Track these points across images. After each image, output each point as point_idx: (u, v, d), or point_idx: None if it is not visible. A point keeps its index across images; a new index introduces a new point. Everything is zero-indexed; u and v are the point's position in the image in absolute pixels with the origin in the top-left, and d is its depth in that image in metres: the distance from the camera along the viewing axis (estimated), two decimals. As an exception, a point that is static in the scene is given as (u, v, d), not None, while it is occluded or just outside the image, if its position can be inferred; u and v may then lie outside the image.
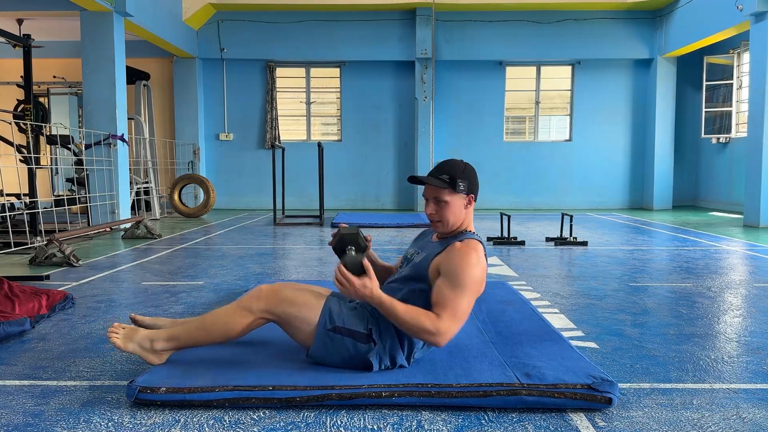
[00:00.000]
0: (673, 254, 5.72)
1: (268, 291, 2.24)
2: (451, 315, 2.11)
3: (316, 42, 11.27)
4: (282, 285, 2.30)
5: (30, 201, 6.41)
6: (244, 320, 2.22)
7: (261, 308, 2.21)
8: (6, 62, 11.37)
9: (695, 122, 11.67)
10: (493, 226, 7.97)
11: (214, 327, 2.24)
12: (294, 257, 5.61)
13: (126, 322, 3.05)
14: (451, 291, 2.12)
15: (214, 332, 2.25)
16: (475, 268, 2.15)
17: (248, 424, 1.90)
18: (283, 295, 2.23)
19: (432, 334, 2.09)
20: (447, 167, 2.28)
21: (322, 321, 2.21)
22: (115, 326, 2.31)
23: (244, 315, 2.22)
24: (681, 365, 2.48)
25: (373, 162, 11.79)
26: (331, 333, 2.21)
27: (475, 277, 2.15)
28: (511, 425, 1.91)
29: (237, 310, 2.24)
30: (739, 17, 8.46)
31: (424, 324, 2.08)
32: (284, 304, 2.21)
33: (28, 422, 1.93)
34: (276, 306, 2.21)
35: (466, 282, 2.13)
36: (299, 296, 2.24)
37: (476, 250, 2.19)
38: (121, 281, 4.39)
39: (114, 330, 2.29)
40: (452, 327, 2.12)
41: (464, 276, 2.13)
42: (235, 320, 2.22)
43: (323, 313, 2.22)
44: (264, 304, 2.21)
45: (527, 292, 3.92)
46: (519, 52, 11.30)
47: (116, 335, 2.27)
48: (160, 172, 10.88)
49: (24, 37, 6.50)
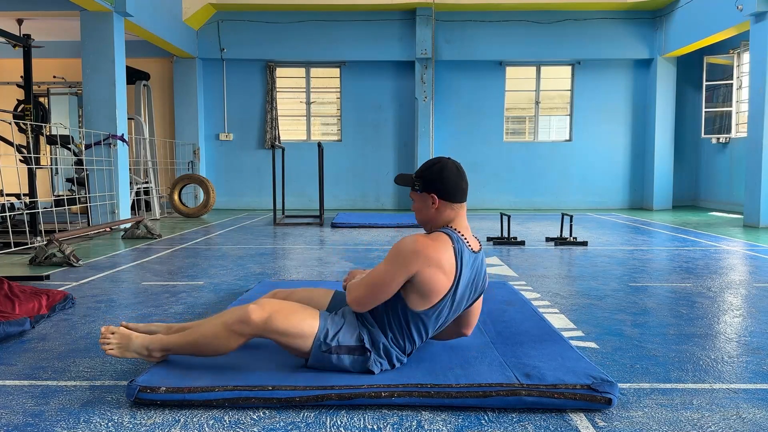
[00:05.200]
0: (673, 254, 5.72)
1: (257, 321, 2.14)
2: (366, 282, 2.18)
3: (316, 42, 11.27)
4: (272, 312, 2.17)
5: (30, 201, 6.41)
6: (234, 343, 2.20)
7: (251, 333, 2.18)
8: (6, 62, 11.37)
9: (695, 122, 11.67)
10: (493, 226, 7.96)
11: (205, 348, 2.23)
12: (294, 257, 5.61)
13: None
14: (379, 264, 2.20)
15: (206, 352, 2.25)
16: (409, 243, 2.13)
17: (248, 424, 1.90)
18: (272, 326, 2.15)
19: (349, 303, 2.22)
20: (422, 166, 2.30)
21: (316, 344, 2.19)
22: (104, 334, 2.28)
23: (234, 338, 2.19)
24: (681, 365, 2.48)
25: (373, 162, 11.79)
26: (326, 354, 2.20)
27: (402, 249, 2.13)
28: (511, 425, 1.91)
29: (228, 334, 2.18)
30: (739, 17, 8.46)
31: (349, 291, 2.22)
32: (274, 334, 2.17)
33: (28, 422, 1.93)
34: (266, 334, 2.18)
35: (390, 254, 2.16)
36: (290, 322, 2.17)
37: (429, 237, 2.18)
38: (121, 281, 4.39)
39: (105, 339, 2.27)
40: (362, 293, 2.18)
41: (392, 249, 2.16)
42: (227, 343, 2.20)
43: (317, 338, 2.19)
44: (254, 331, 2.17)
45: (527, 292, 3.92)
46: (519, 52, 11.30)
47: (110, 346, 2.26)
48: (160, 172, 10.88)
49: (24, 37, 6.50)
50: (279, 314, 2.17)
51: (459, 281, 2.17)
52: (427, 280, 2.12)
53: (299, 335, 2.18)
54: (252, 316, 2.14)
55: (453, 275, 2.15)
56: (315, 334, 2.19)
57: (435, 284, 2.13)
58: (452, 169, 2.23)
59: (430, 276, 2.11)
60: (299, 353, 2.24)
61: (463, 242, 2.20)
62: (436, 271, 2.11)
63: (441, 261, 2.12)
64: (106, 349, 2.26)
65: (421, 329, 2.23)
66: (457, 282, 2.17)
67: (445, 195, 2.22)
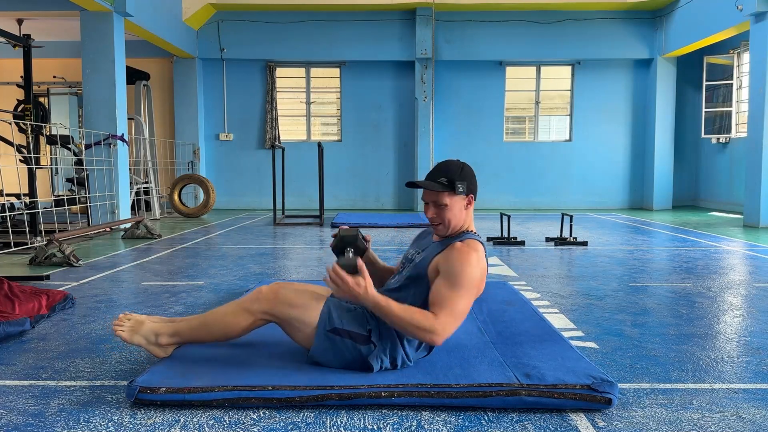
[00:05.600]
0: (673, 254, 5.72)
1: (267, 292, 2.25)
2: (448, 313, 2.10)
3: (316, 42, 11.27)
4: (281, 286, 2.29)
5: (30, 201, 6.41)
6: (244, 321, 2.26)
7: (261, 309, 2.23)
8: (6, 62, 11.37)
9: (695, 122, 11.67)
10: (493, 226, 7.97)
11: (215, 326, 2.29)
12: (294, 257, 5.61)
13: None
14: (449, 290, 2.11)
15: (216, 331, 2.30)
16: (475, 268, 2.15)
17: (248, 424, 1.90)
18: (282, 296, 2.23)
19: (429, 333, 2.07)
20: (445, 169, 2.27)
21: (321, 322, 2.21)
22: (120, 318, 2.35)
23: (245, 316, 2.25)
24: (681, 365, 2.48)
25: (373, 162, 11.79)
26: (330, 334, 2.21)
27: (474, 276, 2.14)
28: (511, 425, 1.91)
29: (238, 311, 2.27)
30: (739, 17, 8.46)
31: (421, 322, 2.07)
32: (283, 305, 2.22)
33: (28, 422, 1.93)
34: (275, 307, 2.22)
35: (464, 282, 2.12)
36: (298, 298, 2.25)
37: (476, 251, 2.19)
38: (121, 281, 4.39)
39: (119, 323, 2.33)
40: (449, 326, 2.11)
41: (463, 275, 2.12)
42: (236, 320, 2.26)
43: (323, 315, 2.22)
44: (263, 306, 2.23)
45: (527, 292, 3.92)
46: (519, 52, 11.30)
47: (121, 329, 2.31)
48: (160, 172, 10.88)
49: (24, 37, 6.50)
50: (288, 287, 2.29)
51: None
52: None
53: (308, 307, 2.22)
54: (263, 289, 2.28)
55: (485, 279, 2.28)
56: (322, 310, 2.23)
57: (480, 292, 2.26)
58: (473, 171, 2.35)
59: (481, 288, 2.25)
60: (304, 336, 2.25)
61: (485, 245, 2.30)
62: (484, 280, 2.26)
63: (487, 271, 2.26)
64: (116, 330, 2.30)
65: None
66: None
67: (476, 197, 2.32)
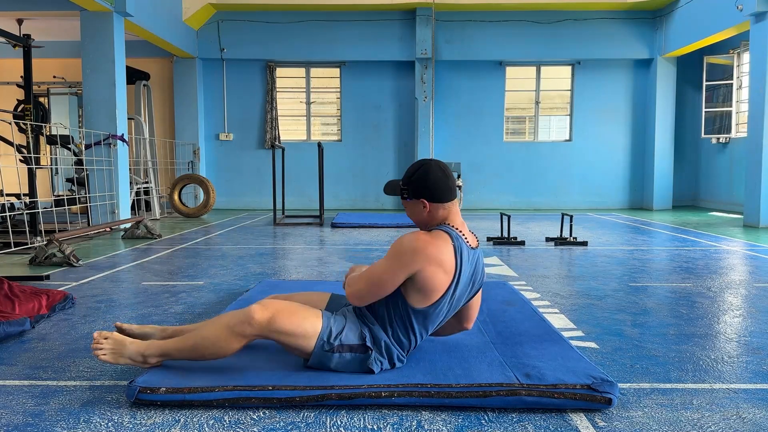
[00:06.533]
0: (673, 254, 5.72)
1: (260, 320, 2.13)
2: (366, 277, 2.20)
3: (316, 42, 11.27)
4: (276, 312, 2.16)
5: (30, 201, 6.41)
6: (237, 344, 2.17)
7: (254, 334, 2.16)
8: (6, 62, 11.37)
9: (695, 122, 11.67)
10: (493, 226, 7.96)
11: (206, 351, 2.18)
12: (294, 257, 5.61)
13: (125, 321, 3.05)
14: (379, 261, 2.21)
15: (207, 355, 2.20)
16: (410, 240, 2.14)
17: (248, 424, 1.90)
18: (277, 326, 2.14)
19: (348, 296, 2.23)
20: (406, 173, 2.29)
21: (319, 343, 2.18)
22: (95, 338, 2.23)
23: (237, 339, 2.16)
24: (681, 365, 2.48)
25: (373, 162, 11.79)
26: (329, 353, 2.19)
27: (402, 246, 2.14)
28: (511, 425, 1.91)
29: (230, 337, 2.15)
30: (739, 17, 8.46)
31: (349, 285, 2.23)
32: (278, 333, 2.16)
33: (28, 422, 1.93)
34: (269, 334, 2.16)
35: (391, 251, 2.16)
36: (292, 322, 2.16)
37: (431, 236, 2.17)
38: (121, 281, 4.39)
39: (97, 345, 2.21)
40: (362, 288, 2.19)
41: (393, 247, 2.17)
42: (229, 345, 2.16)
43: (320, 337, 2.18)
44: (256, 331, 2.14)
45: (527, 292, 3.92)
46: (519, 52, 11.30)
47: (102, 352, 2.20)
48: (160, 172, 10.88)
49: (24, 37, 6.49)
50: (282, 314, 2.16)
51: (459, 279, 2.18)
52: (428, 279, 2.12)
53: (303, 335, 2.17)
54: (255, 316, 2.13)
55: (453, 273, 2.16)
56: (318, 334, 2.19)
57: (435, 282, 2.13)
58: (436, 171, 2.22)
59: (431, 274, 2.12)
60: (301, 353, 2.23)
61: (462, 239, 2.20)
62: (437, 269, 2.12)
63: (442, 259, 2.12)
64: (98, 355, 2.20)
65: (422, 326, 2.23)
66: (457, 279, 2.17)
67: (433, 198, 2.22)
